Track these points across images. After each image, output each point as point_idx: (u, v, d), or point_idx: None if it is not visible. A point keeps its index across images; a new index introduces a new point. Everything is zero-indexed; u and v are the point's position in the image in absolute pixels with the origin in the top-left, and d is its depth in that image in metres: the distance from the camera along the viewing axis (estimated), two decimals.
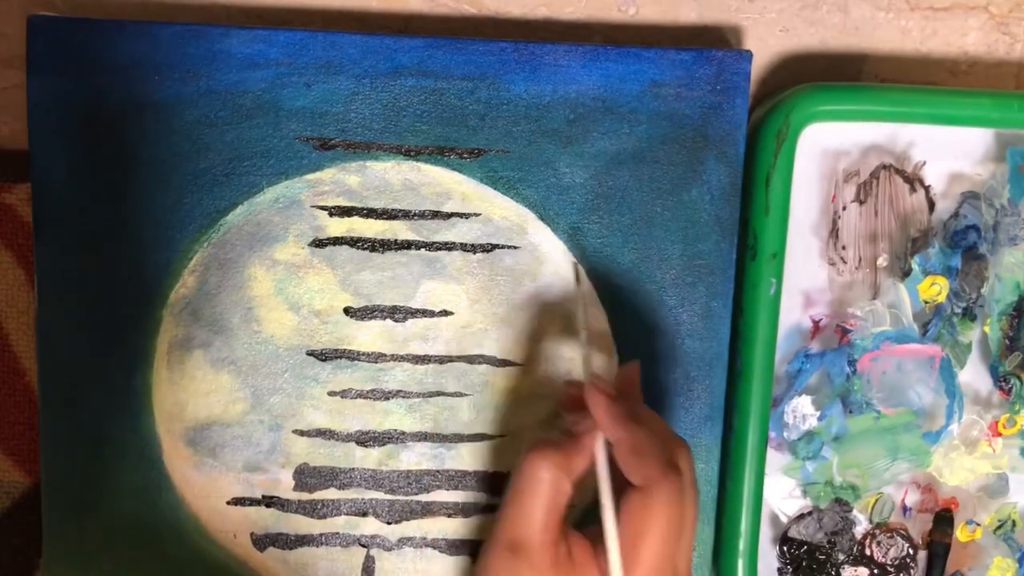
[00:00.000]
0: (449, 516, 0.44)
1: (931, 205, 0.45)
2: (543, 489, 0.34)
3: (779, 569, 0.46)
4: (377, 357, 0.43)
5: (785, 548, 0.46)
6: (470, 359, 0.43)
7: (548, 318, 0.43)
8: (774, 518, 0.47)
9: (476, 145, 0.42)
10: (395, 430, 0.44)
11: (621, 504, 0.35)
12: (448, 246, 0.43)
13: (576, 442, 0.36)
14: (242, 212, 0.42)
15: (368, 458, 0.44)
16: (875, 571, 0.46)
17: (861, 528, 0.46)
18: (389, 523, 0.44)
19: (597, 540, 0.35)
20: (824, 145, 0.45)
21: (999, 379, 0.46)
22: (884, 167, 0.45)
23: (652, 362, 0.44)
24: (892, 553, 0.46)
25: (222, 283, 0.42)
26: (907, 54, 0.46)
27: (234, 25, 0.42)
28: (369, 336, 0.43)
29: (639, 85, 0.42)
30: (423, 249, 0.43)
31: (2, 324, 0.45)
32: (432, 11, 0.45)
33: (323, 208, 0.42)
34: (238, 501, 0.43)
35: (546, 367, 0.44)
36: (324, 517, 0.44)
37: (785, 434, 0.45)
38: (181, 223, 0.42)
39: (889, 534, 0.46)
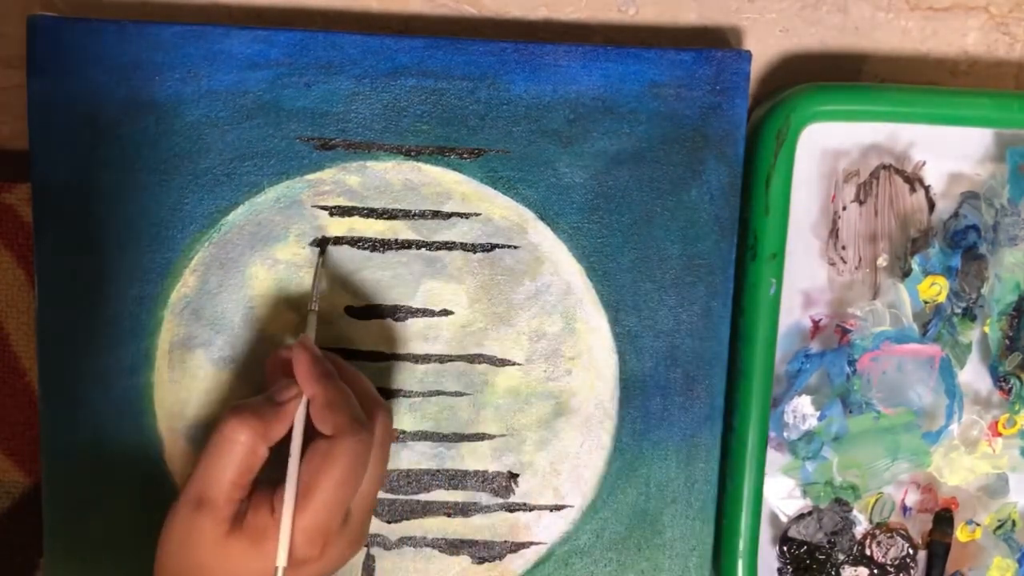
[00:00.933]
0: (449, 516, 0.44)
1: (931, 205, 0.45)
2: (237, 450, 0.35)
3: (779, 569, 0.46)
4: (377, 356, 0.43)
5: (785, 548, 0.46)
6: (470, 359, 0.43)
7: (548, 318, 0.43)
8: (774, 518, 0.47)
9: (476, 145, 0.42)
10: (395, 429, 0.43)
11: (306, 451, 0.36)
12: (448, 246, 0.43)
13: (278, 408, 0.37)
14: (243, 212, 0.42)
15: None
16: (875, 571, 0.46)
17: (861, 528, 0.46)
18: (389, 522, 0.44)
19: (278, 491, 0.36)
20: (824, 145, 0.45)
21: (999, 379, 0.46)
22: (884, 167, 0.45)
23: (652, 362, 0.44)
24: (892, 553, 0.46)
25: (223, 283, 0.42)
26: (907, 54, 0.46)
27: (234, 25, 0.42)
28: (369, 336, 0.43)
29: (639, 85, 0.42)
30: (423, 249, 0.43)
31: (2, 324, 0.45)
32: (432, 11, 0.45)
33: (324, 208, 0.42)
34: None
35: (546, 367, 0.44)
36: None
37: (785, 434, 0.45)
38: (182, 223, 0.42)
39: (889, 534, 0.46)
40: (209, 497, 0.35)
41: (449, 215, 0.43)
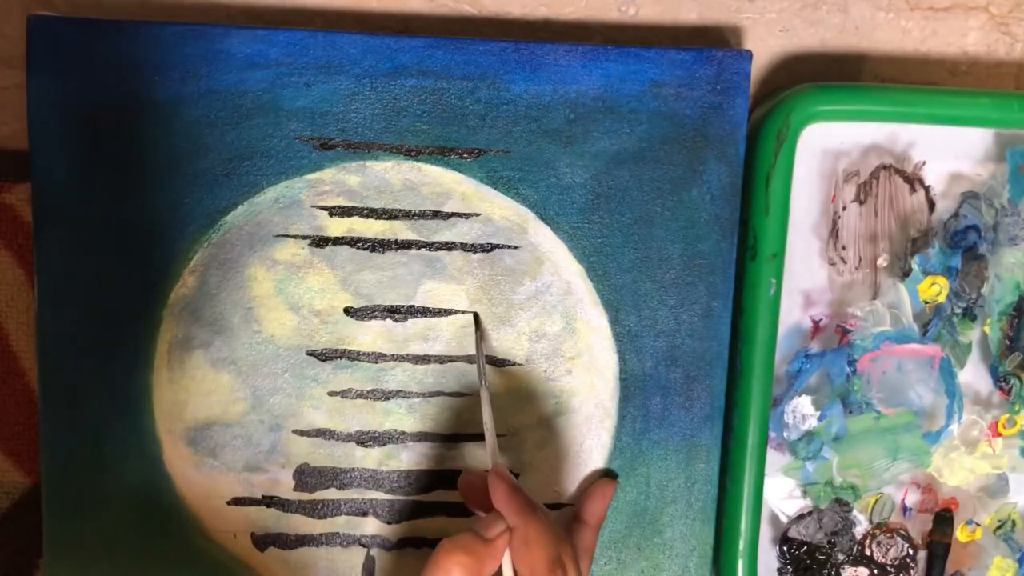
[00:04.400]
0: (449, 516, 0.44)
1: (931, 205, 0.45)
2: None
3: (779, 569, 0.46)
4: (377, 357, 0.43)
5: (785, 548, 0.46)
6: (470, 359, 0.43)
7: (548, 318, 0.43)
8: (774, 518, 0.47)
9: (476, 145, 0.42)
10: (395, 430, 0.44)
11: None
12: (448, 246, 0.43)
13: (488, 545, 0.36)
14: (242, 212, 0.42)
15: (368, 458, 0.44)
16: (875, 571, 0.46)
17: (861, 528, 0.46)
18: (389, 523, 0.44)
19: None
20: (824, 145, 0.45)
21: (999, 379, 0.46)
22: (884, 167, 0.45)
23: (652, 362, 0.44)
24: (892, 553, 0.46)
25: (222, 283, 0.42)
26: (907, 54, 0.46)
27: (234, 25, 0.42)
28: (369, 336, 0.43)
29: (639, 85, 0.42)
30: (423, 249, 0.43)
31: (2, 324, 0.45)
32: (432, 11, 0.45)
33: (323, 208, 0.42)
34: (238, 501, 0.43)
35: (546, 367, 0.44)
36: (324, 517, 0.44)
37: (785, 434, 0.45)
38: (181, 223, 0.42)
39: (889, 534, 0.46)
40: None
41: (449, 215, 0.43)
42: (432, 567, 0.35)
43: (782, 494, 0.46)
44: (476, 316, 0.43)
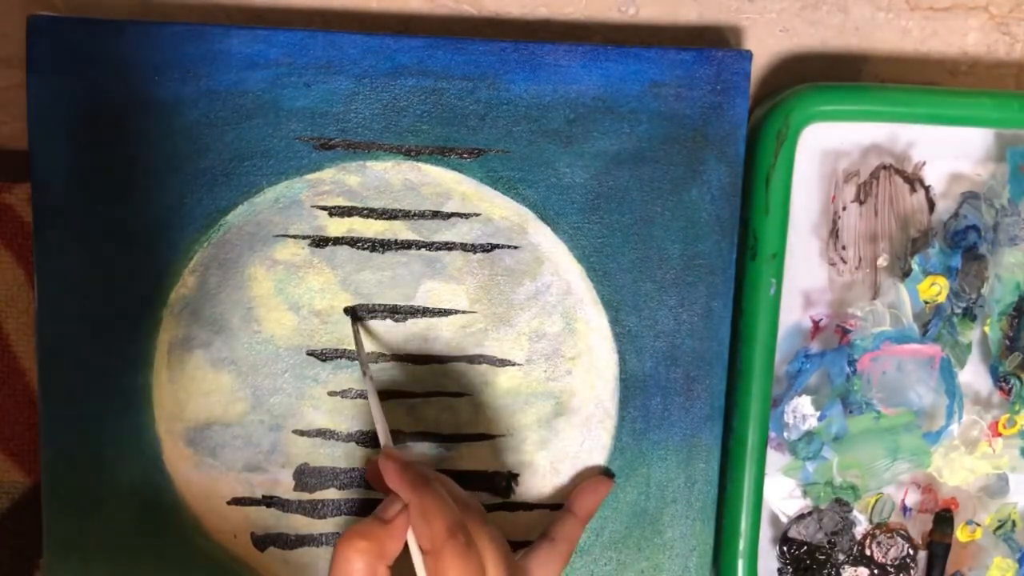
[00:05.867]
0: None
1: (931, 205, 0.45)
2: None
3: (779, 569, 0.46)
4: (377, 357, 0.43)
5: (785, 548, 0.46)
6: (470, 359, 0.43)
7: (548, 318, 0.43)
8: (774, 518, 0.47)
9: (476, 145, 0.42)
10: (395, 430, 0.43)
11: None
12: (448, 246, 0.43)
13: (388, 526, 0.35)
14: (242, 212, 0.42)
15: (368, 459, 0.43)
16: (875, 571, 0.46)
17: (861, 528, 0.46)
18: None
19: None
20: (824, 145, 0.45)
21: (999, 379, 0.46)
22: (884, 167, 0.45)
23: (652, 362, 0.44)
24: (892, 553, 0.46)
25: (222, 283, 0.42)
26: (907, 54, 0.46)
27: (234, 25, 0.42)
28: (369, 336, 0.43)
29: (639, 85, 0.42)
30: (423, 249, 0.43)
31: (2, 324, 0.45)
32: (432, 11, 0.45)
33: (323, 208, 0.42)
34: (238, 501, 0.43)
35: (546, 367, 0.44)
36: (324, 517, 0.44)
37: (785, 434, 0.45)
38: (181, 223, 0.42)
39: (889, 534, 0.46)
40: None
41: (449, 215, 0.43)
42: (335, 560, 0.35)
43: (782, 494, 0.46)
44: (353, 310, 0.42)
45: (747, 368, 0.43)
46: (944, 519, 0.46)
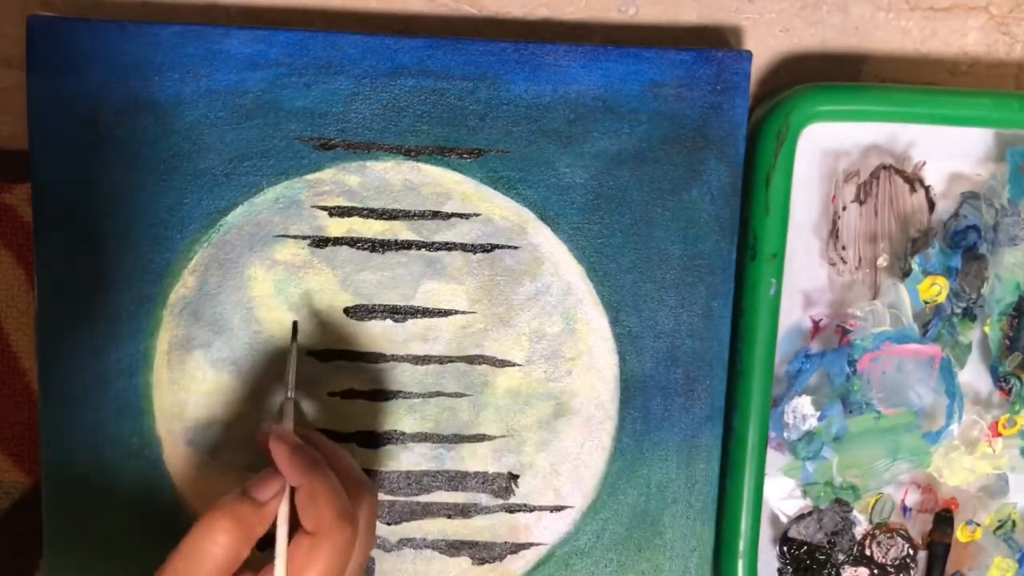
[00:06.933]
0: (449, 517, 0.44)
1: (931, 205, 0.45)
2: (218, 554, 0.34)
3: (779, 569, 0.46)
4: (377, 357, 0.43)
5: (785, 548, 0.46)
6: (470, 359, 0.43)
7: (548, 318, 0.43)
8: (774, 518, 0.47)
9: (476, 145, 0.42)
10: (395, 430, 0.43)
11: (290, 547, 0.35)
12: (448, 246, 0.43)
13: (260, 509, 0.35)
14: (242, 212, 0.42)
15: (368, 458, 0.43)
16: (875, 571, 0.46)
17: (861, 528, 0.46)
18: (389, 524, 0.44)
19: None
20: (824, 145, 0.45)
21: (999, 379, 0.46)
22: (884, 167, 0.45)
23: (652, 363, 0.44)
24: (892, 553, 0.46)
25: (222, 283, 0.42)
26: (907, 54, 0.46)
27: (234, 25, 0.42)
28: (369, 336, 0.43)
29: (639, 85, 0.42)
30: (423, 249, 0.43)
31: (2, 324, 0.45)
32: (432, 11, 0.45)
33: (323, 208, 0.42)
34: None
35: (546, 368, 0.44)
36: None
37: (785, 434, 0.45)
38: (181, 223, 0.42)
39: (889, 534, 0.46)
40: None
41: (449, 215, 0.43)
42: (198, 531, 0.34)
43: (782, 494, 0.46)
44: (295, 324, 0.42)
45: (747, 368, 0.43)
46: (944, 519, 0.46)
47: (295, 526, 0.36)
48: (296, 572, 0.34)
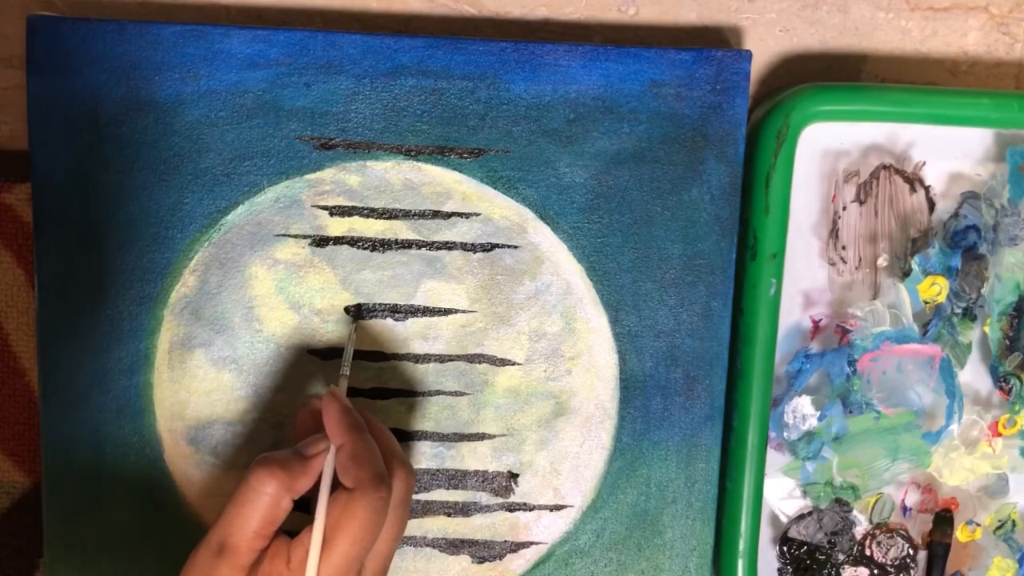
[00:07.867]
0: (449, 516, 0.44)
1: (931, 205, 0.45)
2: (264, 501, 0.36)
3: (779, 569, 0.46)
4: (377, 356, 0.43)
5: (785, 548, 0.46)
6: (470, 358, 0.43)
7: (548, 318, 0.43)
8: (774, 518, 0.47)
9: (476, 145, 0.42)
10: (395, 429, 0.43)
11: (329, 501, 0.37)
12: (448, 245, 0.43)
13: (305, 462, 0.37)
14: (243, 212, 0.42)
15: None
16: (875, 571, 0.46)
17: (861, 528, 0.46)
18: None
19: (295, 542, 0.36)
20: (824, 145, 0.45)
21: (999, 379, 0.46)
22: (884, 167, 0.45)
23: (652, 362, 0.44)
24: (892, 553, 0.46)
25: (223, 282, 0.43)
26: (907, 54, 0.46)
27: (234, 25, 0.42)
28: (369, 335, 0.43)
29: (639, 85, 0.42)
30: (423, 249, 0.43)
31: (2, 324, 0.45)
32: (432, 11, 0.45)
33: (324, 208, 0.42)
34: None
35: (546, 367, 0.44)
36: None
37: (785, 434, 0.45)
38: (182, 223, 0.42)
39: (889, 534, 0.46)
40: (231, 544, 0.36)
41: (449, 215, 0.43)
42: (247, 479, 0.36)
43: (782, 494, 0.46)
44: (357, 306, 0.43)
45: (747, 368, 0.43)
46: (944, 519, 0.46)
47: (335, 486, 0.37)
48: (333, 523, 0.36)
